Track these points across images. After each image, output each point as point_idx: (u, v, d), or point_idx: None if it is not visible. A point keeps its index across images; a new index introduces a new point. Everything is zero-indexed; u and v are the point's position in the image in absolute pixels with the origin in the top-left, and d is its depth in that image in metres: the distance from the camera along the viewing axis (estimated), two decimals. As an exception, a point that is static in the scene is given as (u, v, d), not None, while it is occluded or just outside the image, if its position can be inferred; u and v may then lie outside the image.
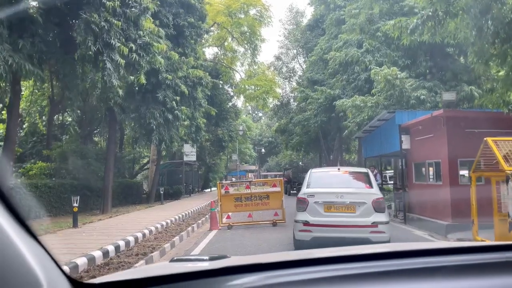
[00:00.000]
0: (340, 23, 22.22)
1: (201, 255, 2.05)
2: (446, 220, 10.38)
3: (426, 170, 11.88)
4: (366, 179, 7.91)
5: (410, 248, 1.73)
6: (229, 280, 1.23)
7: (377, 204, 7.21)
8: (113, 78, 11.10)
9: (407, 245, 2.28)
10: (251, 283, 1.21)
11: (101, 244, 8.32)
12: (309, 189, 7.70)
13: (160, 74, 16.47)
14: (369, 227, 7.06)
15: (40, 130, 23.69)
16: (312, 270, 1.29)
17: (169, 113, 17.26)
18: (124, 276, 1.44)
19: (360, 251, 1.69)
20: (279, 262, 1.42)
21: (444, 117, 10.39)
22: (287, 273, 1.27)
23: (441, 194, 10.72)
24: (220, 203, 12.54)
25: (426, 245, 2.72)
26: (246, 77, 34.14)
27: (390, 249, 1.80)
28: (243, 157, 58.15)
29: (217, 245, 9.39)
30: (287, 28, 38.85)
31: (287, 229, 11.30)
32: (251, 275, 1.25)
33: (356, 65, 17.32)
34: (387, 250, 1.72)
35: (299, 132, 32.98)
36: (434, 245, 2.24)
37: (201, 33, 20.17)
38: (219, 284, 1.23)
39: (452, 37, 10.27)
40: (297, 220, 7.50)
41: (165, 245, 8.98)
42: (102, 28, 10.54)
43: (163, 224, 12.07)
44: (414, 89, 13.50)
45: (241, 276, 1.25)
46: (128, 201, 23.47)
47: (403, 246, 2.06)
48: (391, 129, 13.68)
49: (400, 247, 1.82)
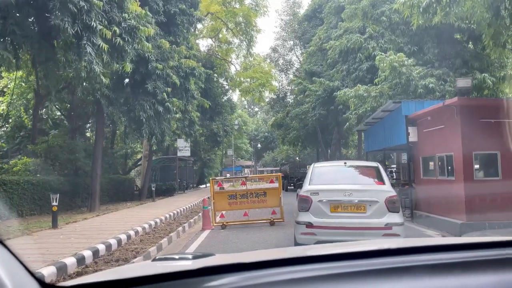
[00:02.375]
0: (339, 12, 21.25)
1: (185, 254, 1.78)
2: (459, 218, 9.49)
3: (436, 164, 10.98)
4: (377, 174, 6.97)
5: (407, 245, 1.72)
6: (209, 281, 1.20)
7: (390, 202, 6.29)
8: (94, 64, 10.08)
9: (405, 242, 2.28)
10: (232, 284, 1.19)
11: (77, 248, 7.38)
12: (312, 186, 6.74)
13: (149, 63, 15.45)
14: (382, 229, 6.14)
15: (26, 125, 22.64)
16: (299, 269, 1.26)
17: (160, 105, 16.24)
18: (101, 277, 1.43)
19: (353, 249, 1.63)
20: (263, 261, 1.37)
21: (458, 106, 9.47)
22: (270, 273, 1.24)
23: (453, 191, 9.82)
24: (213, 200, 11.60)
25: (427, 241, 2.52)
26: (242, 69, 33.10)
27: (393, 245, 1.71)
28: (239, 153, 57.24)
29: (208, 249, 8.45)
30: (284, 19, 37.77)
31: (286, 229, 10.42)
32: (233, 275, 1.22)
33: (359, 52, 16.30)
34: (390, 246, 1.64)
35: (296, 126, 32.13)
36: (435, 242, 2.03)
37: (194, 21, 19.07)
38: (198, 285, 1.20)
39: (466, 18, 9.34)
40: (298, 222, 6.56)
41: (150, 249, 8.06)
42: (82, 8, 9.51)
43: (151, 224, 11.13)
44: (421, 77, 12.55)
45: (222, 276, 1.22)
46: (119, 198, 22.61)
47: (403, 242, 2.09)
48: (396, 120, 12.78)
49: (400, 244, 1.81)
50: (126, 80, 17.04)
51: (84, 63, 10.12)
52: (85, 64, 10.12)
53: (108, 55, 10.78)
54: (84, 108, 22.96)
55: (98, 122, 18.17)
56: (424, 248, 1.49)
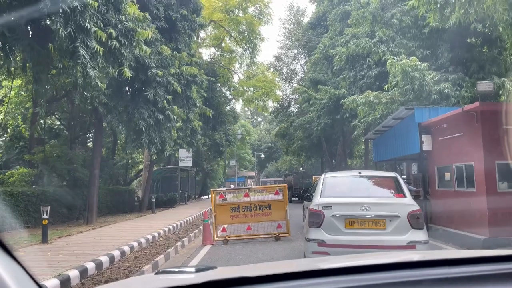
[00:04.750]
0: (345, 18, 20.69)
1: (188, 266, 1.89)
2: (482, 233, 8.73)
3: (453, 174, 10.23)
4: (396, 186, 6.24)
5: (419, 258, 1.70)
6: None
7: (414, 218, 5.56)
8: (89, 68, 9.47)
9: (416, 255, 2.21)
10: None
11: (63, 267, 6.66)
12: (324, 198, 6.01)
13: (149, 70, 14.85)
14: (405, 248, 5.41)
15: (24, 134, 22.12)
16: (308, 283, 1.24)
17: (160, 114, 15.60)
18: None
19: (365, 262, 1.55)
20: (270, 275, 1.32)
21: (479, 112, 8.77)
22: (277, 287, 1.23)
23: (474, 203, 9.07)
24: (214, 213, 10.87)
25: (439, 254, 2.29)
26: (245, 78, 32.54)
27: (404, 258, 1.70)
28: (242, 163, 56.52)
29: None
30: (287, 27, 37.30)
31: (293, 244, 9.68)
32: None
33: (368, 57, 15.63)
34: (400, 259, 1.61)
35: (300, 136, 31.46)
36: (446, 255, 1.80)
37: (196, 27, 18.52)
38: None
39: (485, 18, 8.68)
40: (309, 239, 5.82)
41: (145, 267, 7.36)
42: (75, 9, 8.93)
43: (148, 239, 10.40)
44: (435, 82, 11.85)
45: None
46: (119, 209, 21.95)
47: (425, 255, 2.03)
48: (408, 128, 12.08)
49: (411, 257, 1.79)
50: (126, 87, 16.45)
51: (78, 67, 9.53)
52: (80, 69, 9.51)
53: (103, 59, 10.18)
54: (84, 117, 22.44)
55: (97, 131, 17.57)
56: (436, 262, 1.47)
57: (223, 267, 1.79)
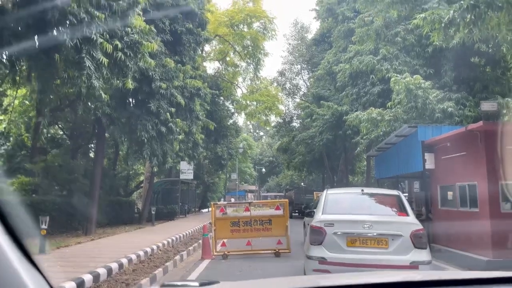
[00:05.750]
0: (349, 35, 20.84)
1: (192, 281, 2.04)
2: (485, 255, 8.60)
3: (456, 194, 10.15)
4: (399, 204, 6.18)
5: (418, 278, 1.68)
6: None
7: (417, 237, 5.48)
8: (94, 79, 9.51)
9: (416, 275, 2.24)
10: None
11: (59, 280, 6.56)
12: (326, 215, 5.95)
13: (153, 82, 14.93)
14: (407, 268, 5.32)
15: (26, 143, 22.16)
16: None
17: (163, 126, 15.62)
18: None
19: (368, 280, 1.55)
20: None
21: (483, 132, 8.74)
22: None
23: (477, 223, 8.97)
24: (214, 227, 10.78)
25: (438, 275, 2.31)
26: (248, 92, 32.68)
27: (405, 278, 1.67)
28: (243, 177, 56.38)
29: (207, 282, 7.60)
30: (291, 43, 37.62)
31: (293, 261, 9.55)
32: None
33: (371, 74, 15.70)
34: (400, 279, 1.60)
35: (302, 151, 31.43)
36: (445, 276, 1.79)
37: (201, 41, 18.69)
38: None
39: (489, 38, 8.72)
40: (310, 257, 5.74)
41: (142, 281, 7.26)
42: (82, 20, 9.01)
43: (147, 251, 10.29)
44: (439, 100, 11.87)
45: None
46: (118, 220, 21.77)
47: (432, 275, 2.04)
48: (411, 146, 12.03)
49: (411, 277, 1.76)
50: (129, 99, 16.51)
51: (83, 78, 9.58)
52: (84, 79, 9.56)
53: (108, 70, 10.24)
54: (86, 128, 22.48)
55: (99, 142, 17.58)
56: (438, 282, 1.47)
57: (225, 282, 1.78)
